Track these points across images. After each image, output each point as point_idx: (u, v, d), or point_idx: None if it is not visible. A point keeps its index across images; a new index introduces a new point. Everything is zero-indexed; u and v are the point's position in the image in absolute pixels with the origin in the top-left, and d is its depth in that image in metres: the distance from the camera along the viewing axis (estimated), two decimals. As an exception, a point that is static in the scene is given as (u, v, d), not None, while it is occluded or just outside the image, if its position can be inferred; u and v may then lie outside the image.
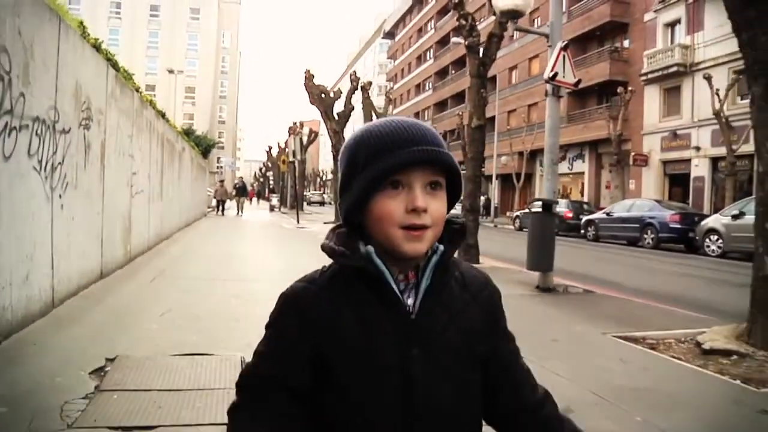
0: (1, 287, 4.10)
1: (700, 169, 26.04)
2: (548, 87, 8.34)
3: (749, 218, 5.25)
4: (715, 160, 24.79)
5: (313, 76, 24.69)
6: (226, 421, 1.08)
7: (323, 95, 24.45)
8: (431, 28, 60.63)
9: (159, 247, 11.78)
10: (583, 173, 34.65)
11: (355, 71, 27.87)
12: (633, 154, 28.55)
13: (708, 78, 21.93)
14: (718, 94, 21.43)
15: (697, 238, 16.76)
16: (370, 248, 0.99)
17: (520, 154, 34.41)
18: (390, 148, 0.96)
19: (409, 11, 68.58)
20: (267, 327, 1.06)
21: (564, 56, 8.19)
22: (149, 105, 10.62)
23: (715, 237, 15.83)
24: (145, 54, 68.78)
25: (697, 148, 25.94)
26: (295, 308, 1.02)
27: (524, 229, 20.11)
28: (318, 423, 1.02)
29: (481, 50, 11.15)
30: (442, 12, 55.05)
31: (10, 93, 4.13)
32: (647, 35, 29.16)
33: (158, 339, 4.65)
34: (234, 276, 8.44)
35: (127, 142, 8.48)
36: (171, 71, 46.29)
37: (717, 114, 21.29)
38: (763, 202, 5.20)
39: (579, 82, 8.45)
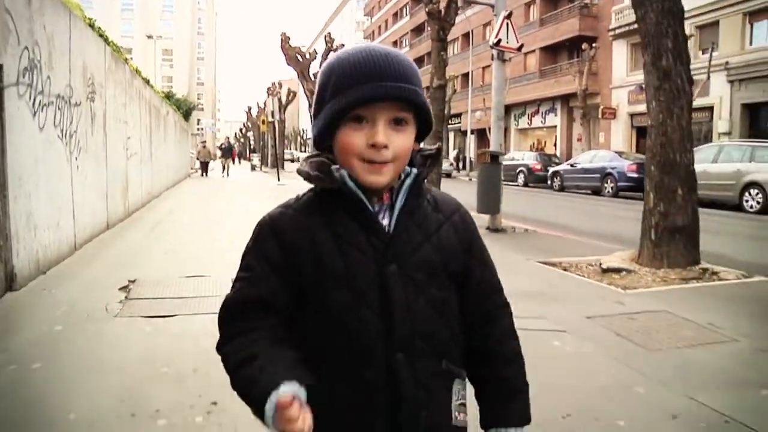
0: (42, 230, 5.27)
1: (663, 120, 27.17)
2: (494, 52, 9.46)
3: (696, 166, 6.63)
4: (677, 112, 25.85)
5: (288, 39, 25.46)
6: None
7: (299, 57, 25.27)
8: (407, -16, 60.58)
9: (151, 203, 12.93)
10: (555, 127, 35.80)
11: (330, 32, 28.56)
12: (602, 107, 29.68)
13: (666, 33, 22.89)
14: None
15: (651, 186, 17.80)
16: (344, 171, 0.99)
17: (494, 109, 35.19)
18: (355, 82, 0.96)
19: (386, -33, 68.28)
20: (245, 255, 1.07)
21: (507, 24, 9.30)
22: (137, 75, 11.58)
23: (666, 184, 16.85)
24: (120, 17, 68.18)
25: (661, 101, 27.05)
26: (273, 232, 1.03)
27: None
28: (303, 347, 1.02)
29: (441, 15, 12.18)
30: (418, -32, 55.03)
31: (41, 77, 5.25)
32: (615, -9, 29.93)
33: (165, 269, 5.87)
34: (223, 227, 9.50)
35: (121, 110, 9.53)
36: (150, 37, 46.33)
37: (674, 68, 22.30)
38: (651, 149, 6.44)
39: (522, 46, 9.59)
